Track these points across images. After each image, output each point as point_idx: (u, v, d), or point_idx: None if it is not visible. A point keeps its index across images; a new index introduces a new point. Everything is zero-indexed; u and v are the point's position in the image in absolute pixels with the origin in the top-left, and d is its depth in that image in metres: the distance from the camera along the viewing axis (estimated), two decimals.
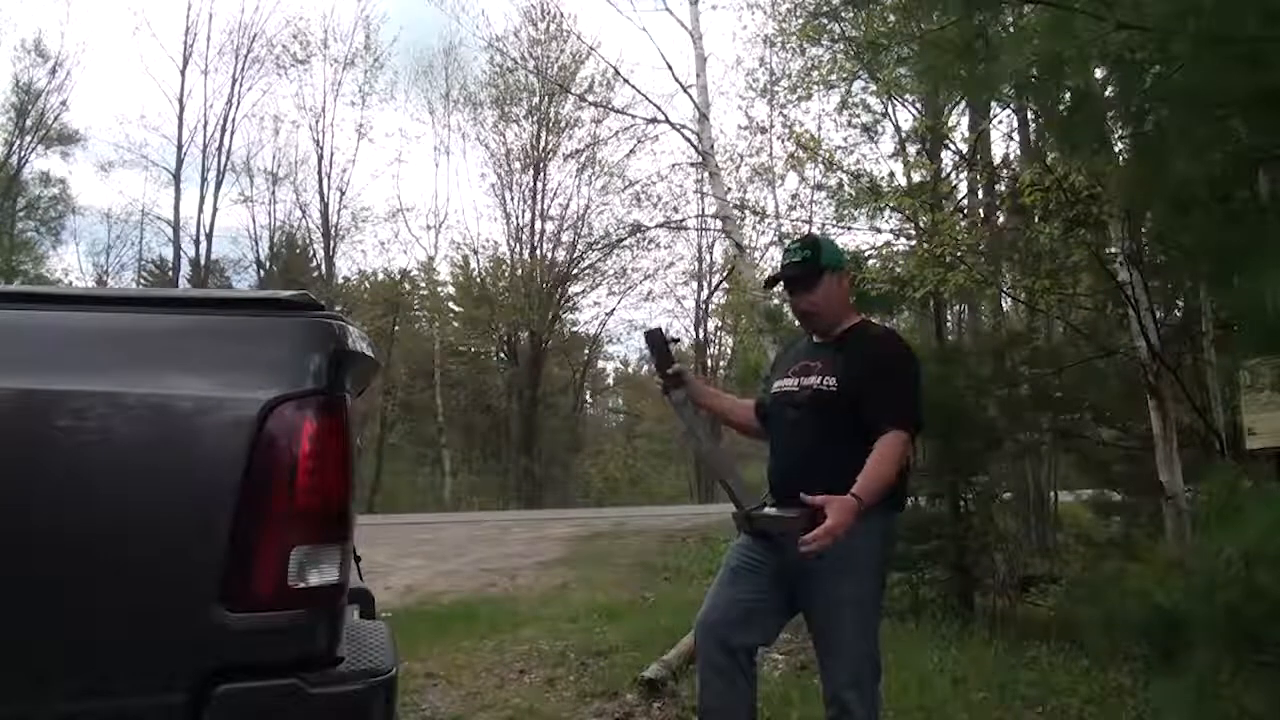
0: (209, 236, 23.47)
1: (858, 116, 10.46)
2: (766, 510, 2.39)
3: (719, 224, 12.59)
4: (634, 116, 16.39)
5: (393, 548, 9.61)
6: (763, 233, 16.17)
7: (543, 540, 10.91)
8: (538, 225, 24.31)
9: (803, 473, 2.34)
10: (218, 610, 1.44)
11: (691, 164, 15.75)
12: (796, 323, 2.75)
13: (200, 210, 23.22)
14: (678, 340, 2.88)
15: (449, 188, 54.29)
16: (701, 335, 25.13)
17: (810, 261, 2.48)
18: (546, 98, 22.79)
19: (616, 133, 21.28)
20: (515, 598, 7.10)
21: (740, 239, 12.01)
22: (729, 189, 12.83)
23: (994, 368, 6.52)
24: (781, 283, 2.57)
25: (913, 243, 7.31)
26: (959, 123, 8.35)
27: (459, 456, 24.63)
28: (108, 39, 42.16)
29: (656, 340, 2.65)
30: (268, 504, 1.48)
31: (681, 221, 20.98)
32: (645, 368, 27.27)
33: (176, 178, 23.09)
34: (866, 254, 7.45)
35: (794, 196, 14.37)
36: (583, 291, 24.86)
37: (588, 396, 29.17)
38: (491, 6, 41.33)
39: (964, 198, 8.79)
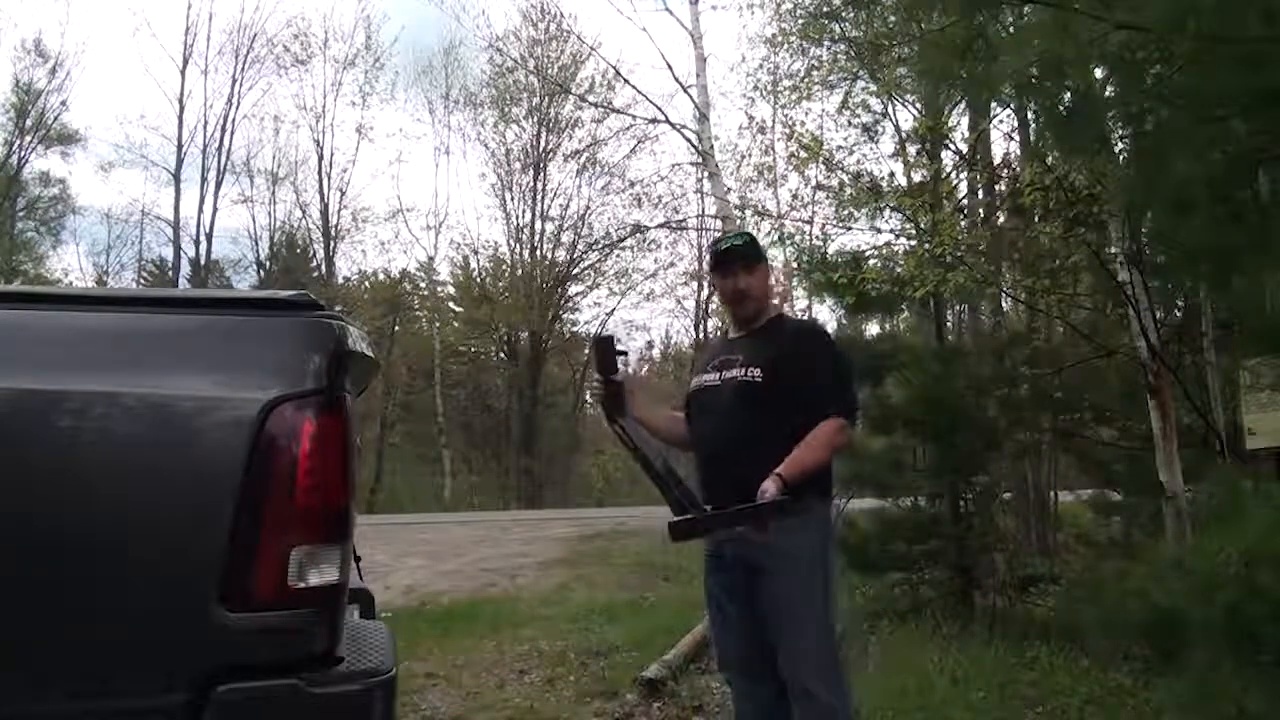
0: (209, 236, 23.44)
1: (858, 117, 10.44)
2: (714, 512, 2.24)
3: (719, 224, 12.60)
4: (634, 116, 16.41)
5: (393, 548, 9.61)
6: (765, 233, 16.15)
7: (543, 540, 10.90)
8: (538, 225, 24.33)
9: (733, 465, 2.33)
10: (218, 610, 1.44)
11: (692, 164, 15.78)
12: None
13: (200, 210, 23.19)
14: (626, 353, 2.85)
15: (449, 188, 54.41)
16: (701, 335, 25.10)
17: (749, 244, 2.58)
18: (547, 98, 22.78)
19: (617, 133, 21.37)
20: (515, 598, 7.10)
21: None
22: (729, 189, 12.84)
23: (994, 368, 6.52)
24: (718, 264, 2.58)
25: (913, 243, 7.30)
26: (959, 123, 8.32)
27: (459, 456, 24.59)
28: (108, 39, 42.21)
29: (606, 347, 2.59)
30: (268, 504, 1.48)
31: (682, 221, 21.00)
32: (643, 369, 27.29)
33: (176, 178, 23.07)
34: (867, 254, 7.44)
35: (794, 196, 14.36)
36: (583, 292, 24.87)
37: (588, 396, 29.13)
38: (492, 6, 41.32)
39: (964, 198, 8.76)
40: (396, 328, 24.66)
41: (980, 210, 8.47)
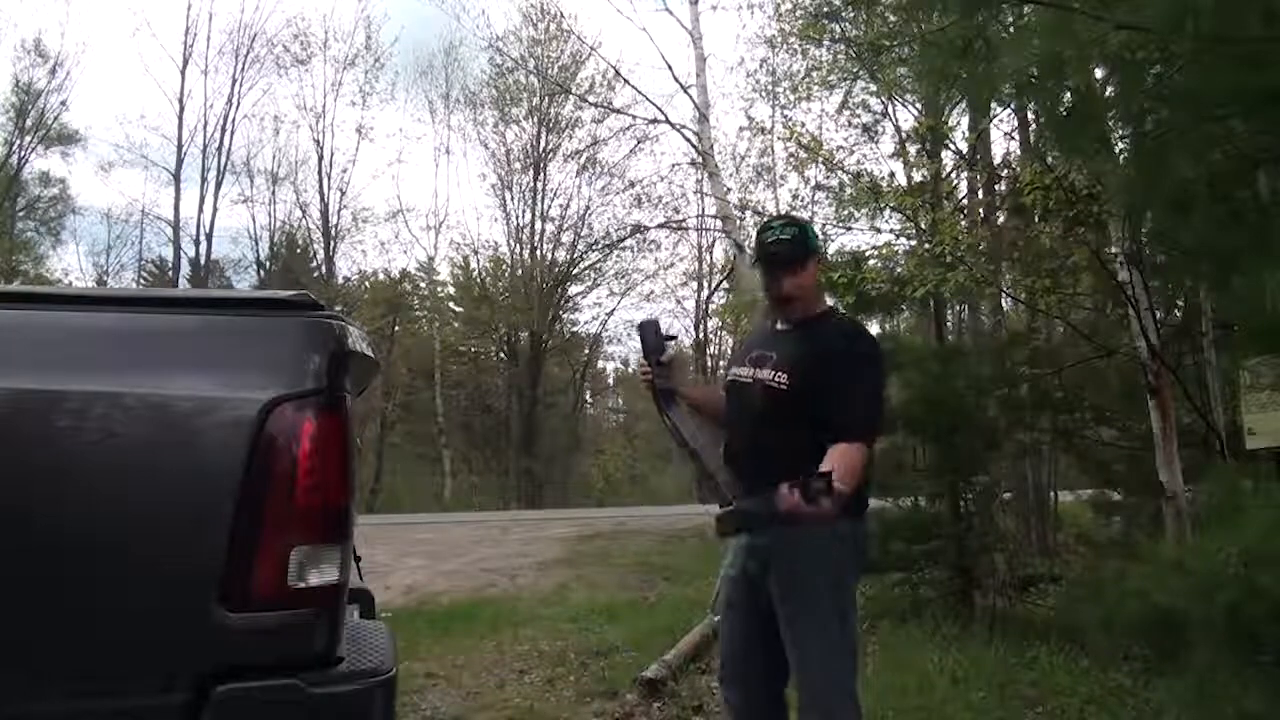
0: (209, 236, 23.37)
1: (858, 117, 10.47)
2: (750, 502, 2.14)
3: (719, 224, 12.60)
4: (634, 117, 16.43)
5: (393, 548, 9.59)
6: None
7: (543, 540, 10.90)
8: (538, 225, 24.30)
9: (756, 466, 2.26)
10: (218, 610, 1.44)
11: (692, 164, 15.78)
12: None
13: (200, 210, 23.11)
14: (675, 338, 2.79)
15: (449, 188, 54.23)
16: (701, 335, 25.11)
17: (798, 241, 2.34)
18: (547, 98, 22.78)
19: (617, 133, 21.33)
20: (515, 598, 7.09)
21: (740, 239, 12.00)
22: (729, 189, 12.85)
23: (994, 368, 6.51)
24: (765, 262, 2.37)
25: (913, 243, 7.30)
26: (959, 123, 8.32)
27: (459, 456, 24.57)
28: (108, 39, 42.09)
29: (652, 329, 2.55)
30: (268, 504, 1.48)
31: (681, 222, 21.01)
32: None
33: (176, 178, 23.01)
34: (866, 254, 7.44)
35: (795, 196, 14.37)
36: (583, 292, 24.86)
37: (588, 396, 29.15)
38: (492, 6, 41.23)
39: (964, 198, 8.78)
40: (396, 328, 24.65)
41: (980, 210, 8.48)
